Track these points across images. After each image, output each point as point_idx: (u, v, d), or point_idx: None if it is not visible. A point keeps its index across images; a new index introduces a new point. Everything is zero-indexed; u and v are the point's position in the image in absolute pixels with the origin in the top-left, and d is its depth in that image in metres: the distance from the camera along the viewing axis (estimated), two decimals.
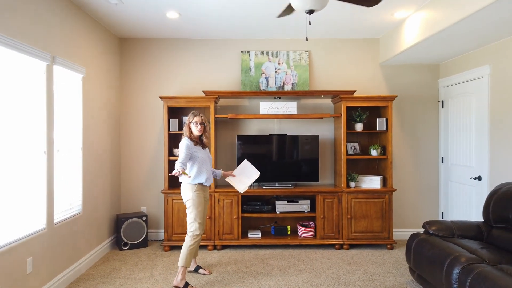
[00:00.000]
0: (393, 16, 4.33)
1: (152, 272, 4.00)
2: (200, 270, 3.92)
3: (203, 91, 4.77)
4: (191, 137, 3.64)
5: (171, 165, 4.80)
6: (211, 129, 4.71)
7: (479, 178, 4.38)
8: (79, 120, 4.01)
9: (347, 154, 4.89)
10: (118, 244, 4.77)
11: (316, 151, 4.96)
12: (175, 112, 5.01)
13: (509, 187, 3.47)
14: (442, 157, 5.21)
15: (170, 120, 4.79)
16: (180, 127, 4.88)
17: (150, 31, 4.86)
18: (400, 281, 3.73)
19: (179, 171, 3.23)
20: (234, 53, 5.21)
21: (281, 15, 2.98)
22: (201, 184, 3.63)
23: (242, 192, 3.93)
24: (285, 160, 5.03)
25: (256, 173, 3.75)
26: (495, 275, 2.55)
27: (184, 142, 3.59)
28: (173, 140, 4.89)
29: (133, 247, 4.79)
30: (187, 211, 3.62)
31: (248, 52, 5.18)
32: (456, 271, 2.86)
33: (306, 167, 4.99)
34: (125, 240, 4.75)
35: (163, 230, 5.16)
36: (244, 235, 4.87)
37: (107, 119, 4.74)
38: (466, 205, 4.67)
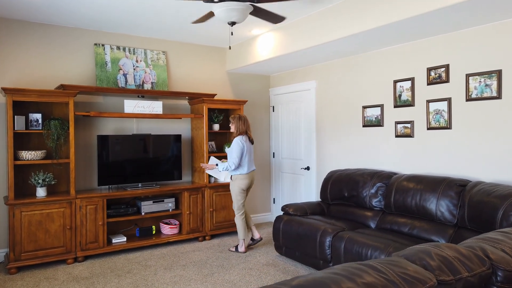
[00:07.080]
0: (250, 32, 5.00)
1: None
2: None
3: (62, 85, 4.16)
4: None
5: (17, 170, 4.00)
6: (71, 128, 4.21)
7: (308, 168, 5.61)
8: None
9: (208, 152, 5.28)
10: None
11: (179, 150, 5.13)
12: (21, 108, 4.18)
13: (340, 174, 4.70)
14: (274, 153, 6.31)
15: (16, 116, 3.98)
16: (27, 125, 4.11)
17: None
18: (271, 257, 4.45)
19: None
20: (87, 45, 4.73)
21: (198, 21, 3.12)
22: None
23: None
24: (149, 160, 4.96)
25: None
26: (360, 237, 3.55)
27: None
28: (20, 141, 4.08)
29: None
30: (239, 196, 4.57)
31: (103, 45, 4.81)
32: (328, 239, 3.76)
33: (169, 166, 5.08)
34: None
35: (3, 250, 4.22)
36: (108, 241, 4.57)
37: None
38: (296, 190, 5.87)
